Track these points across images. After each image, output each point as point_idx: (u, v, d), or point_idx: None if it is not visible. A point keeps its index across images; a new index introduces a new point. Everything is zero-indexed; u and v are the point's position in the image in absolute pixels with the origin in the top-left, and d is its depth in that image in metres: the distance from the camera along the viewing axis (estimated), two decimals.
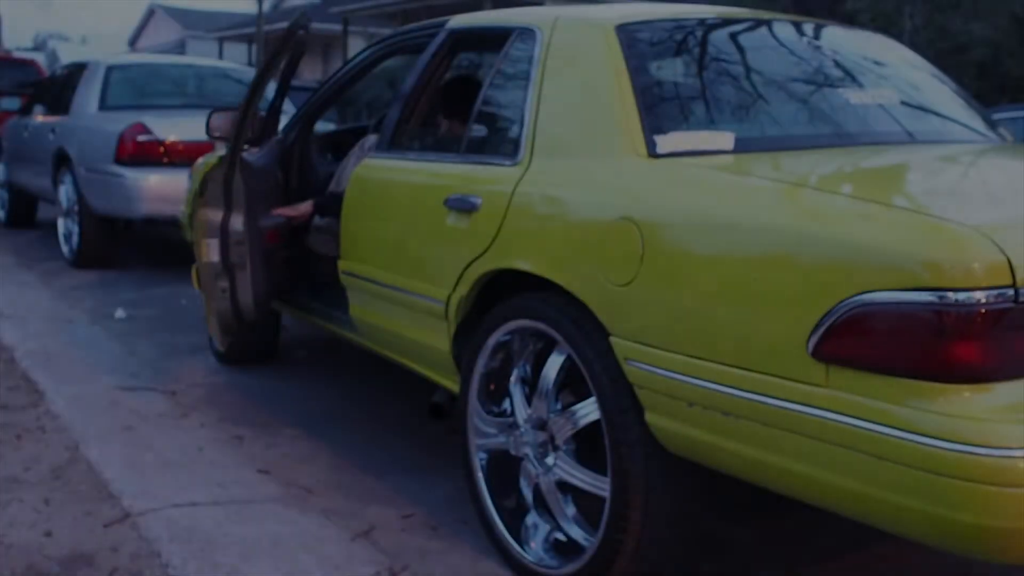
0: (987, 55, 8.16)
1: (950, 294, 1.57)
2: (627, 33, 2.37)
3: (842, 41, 2.81)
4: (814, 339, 1.70)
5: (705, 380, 1.90)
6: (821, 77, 2.55)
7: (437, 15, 3.12)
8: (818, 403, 1.71)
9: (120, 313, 4.96)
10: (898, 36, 2.92)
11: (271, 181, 3.38)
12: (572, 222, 2.24)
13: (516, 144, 2.46)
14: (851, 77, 2.60)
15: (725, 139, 2.21)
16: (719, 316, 1.88)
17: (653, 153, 2.16)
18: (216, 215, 3.21)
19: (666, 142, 2.18)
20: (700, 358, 1.91)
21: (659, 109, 2.25)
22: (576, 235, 2.19)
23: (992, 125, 2.77)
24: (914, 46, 3.02)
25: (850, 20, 7.64)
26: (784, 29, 2.70)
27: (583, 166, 2.28)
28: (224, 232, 3.18)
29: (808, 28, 2.77)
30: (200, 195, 3.28)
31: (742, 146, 2.21)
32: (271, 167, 3.44)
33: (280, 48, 3.13)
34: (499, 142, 2.60)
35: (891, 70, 2.76)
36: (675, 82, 2.38)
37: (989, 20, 8.28)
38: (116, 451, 3.02)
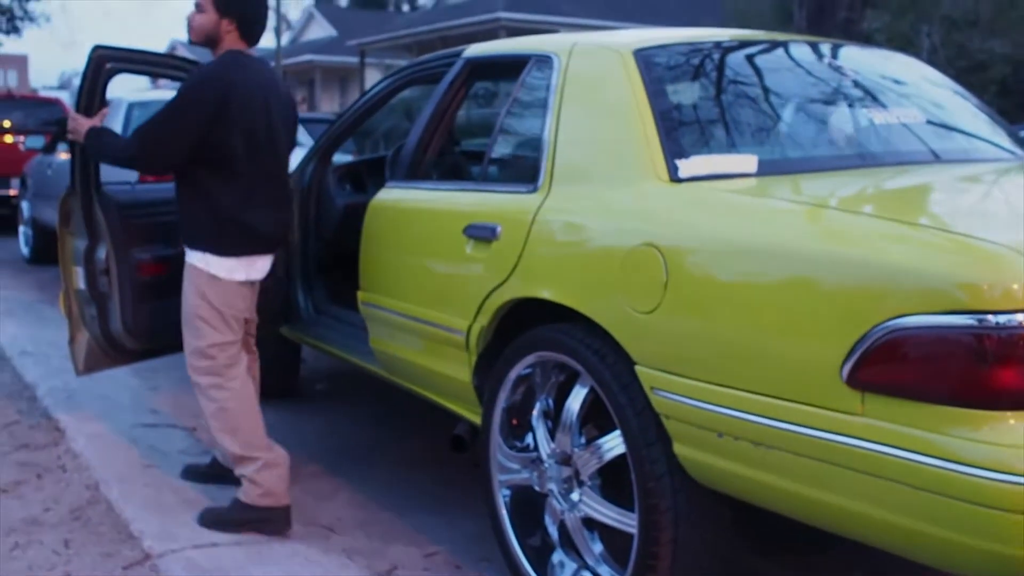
0: (1007, 72, 8.10)
1: (990, 317, 1.52)
2: (645, 57, 2.34)
3: (862, 61, 2.77)
4: (848, 366, 1.65)
5: (735, 409, 1.84)
6: (843, 97, 2.51)
7: (452, 45, 3.11)
8: (854, 432, 1.66)
9: None
10: (916, 56, 2.89)
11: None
12: (594, 249, 2.20)
13: (535, 171, 2.42)
14: (873, 97, 2.56)
15: (748, 162, 2.17)
16: (748, 343, 1.83)
17: (675, 178, 2.12)
18: (80, 243, 3.21)
19: (688, 166, 2.14)
20: (729, 386, 1.85)
21: (680, 133, 2.21)
22: (598, 262, 2.15)
23: (1019, 142, 2.71)
24: (933, 65, 2.98)
25: (867, 40, 7.61)
26: (803, 50, 2.66)
27: (604, 192, 2.24)
28: (89, 261, 3.18)
29: (827, 48, 2.73)
30: (63, 224, 3.28)
31: (765, 169, 2.16)
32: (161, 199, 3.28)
33: (92, 83, 3.04)
34: (518, 169, 2.57)
35: (913, 89, 2.72)
36: (695, 106, 2.34)
37: (1008, 37, 8.23)
38: (136, 490, 2.99)
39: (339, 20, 30.38)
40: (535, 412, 2.41)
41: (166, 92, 8.80)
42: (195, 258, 2.73)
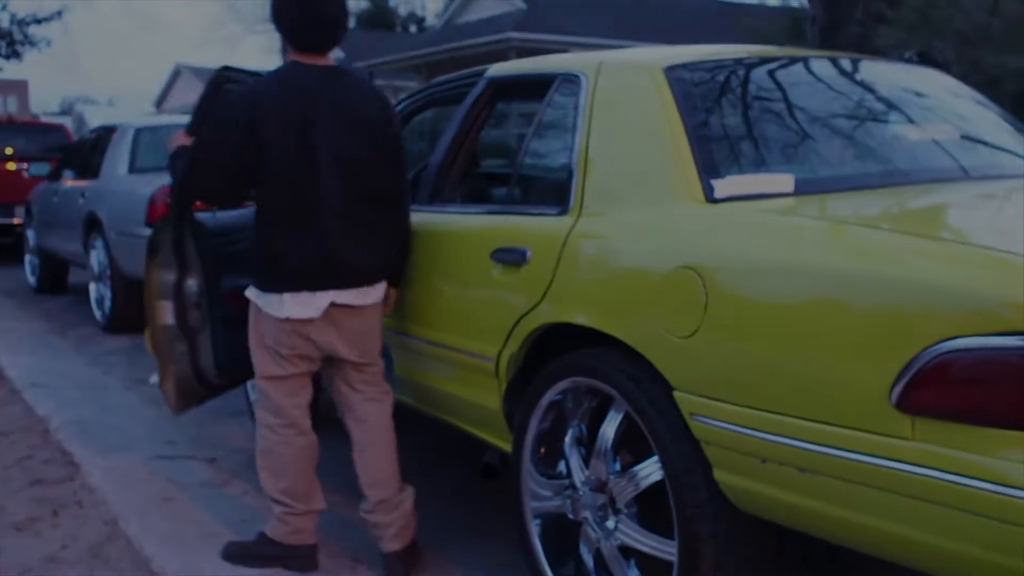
0: (1022, 87, 8.08)
1: None
2: (676, 75, 2.31)
3: (892, 76, 2.73)
4: (897, 389, 1.61)
5: (779, 435, 1.80)
6: (877, 114, 2.48)
7: (462, 66, 3.07)
8: (904, 457, 1.61)
9: (155, 378, 4.83)
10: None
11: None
12: (629, 272, 2.15)
13: (565, 193, 2.38)
14: (905, 113, 2.53)
15: (785, 181, 2.13)
16: (792, 367, 1.78)
17: (711, 198, 2.08)
18: (169, 276, 3.07)
19: (724, 186, 2.10)
20: (773, 412, 1.81)
21: (714, 153, 2.17)
22: (634, 286, 2.10)
23: None
24: None
25: (881, 56, 7.59)
26: (834, 66, 2.63)
27: (638, 214, 2.20)
28: (179, 294, 3.05)
29: (859, 64, 2.69)
30: (151, 256, 3.18)
31: (803, 188, 2.12)
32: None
33: (207, 105, 2.87)
34: (547, 192, 2.53)
35: (944, 104, 2.68)
36: (728, 124, 2.30)
37: (1022, 52, 8.22)
38: (156, 525, 2.93)
39: (347, 41, 30.29)
40: (568, 439, 2.36)
41: (174, 117, 8.78)
42: (249, 290, 2.61)
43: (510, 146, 3.30)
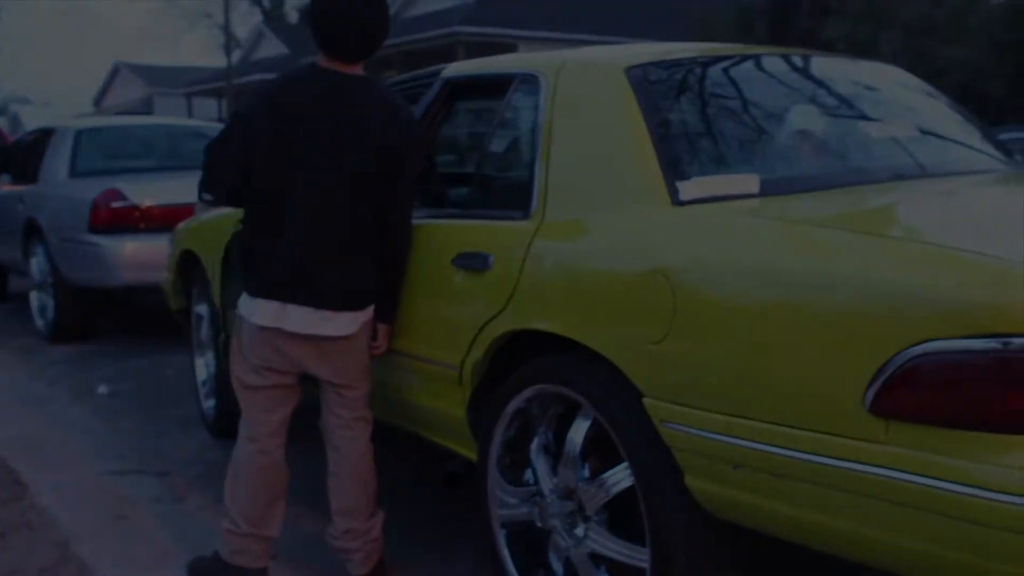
0: (966, 78, 8.28)
1: (1016, 340, 1.47)
2: (638, 75, 2.27)
3: (853, 73, 2.74)
4: (871, 393, 1.60)
5: (751, 440, 1.78)
6: (840, 112, 2.47)
7: (410, 60, 3.01)
8: (879, 461, 1.60)
9: (102, 389, 4.76)
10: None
11: None
12: (594, 277, 2.12)
13: (527, 197, 2.34)
14: (870, 110, 2.53)
15: (750, 182, 2.11)
16: (764, 372, 1.76)
17: (677, 201, 2.06)
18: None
19: (689, 188, 2.07)
20: (745, 417, 1.79)
21: (679, 154, 2.15)
22: (600, 291, 2.07)
23: (1008, 152, 2.69)
24: None
25: (827, 48, 7.69)
26: (797, 64, 2.62)
27: (602, 217, 2.17)
28: None
29: (822, 62, 2.69)
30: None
31: (769, 188, 2.11)
32: None
33: None
34: (508, 195, 2.48)
35: (906, 100, 2.70)
36: (693, 125, 2.28)
37: (966, 43, 8.41)
38: (109, 545, 2.83)
39: (290, 37, 29.88)
40: (534, 446, 2.32)
41: (115, 118, 8.57)
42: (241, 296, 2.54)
43: (469, 149, 3.24)
